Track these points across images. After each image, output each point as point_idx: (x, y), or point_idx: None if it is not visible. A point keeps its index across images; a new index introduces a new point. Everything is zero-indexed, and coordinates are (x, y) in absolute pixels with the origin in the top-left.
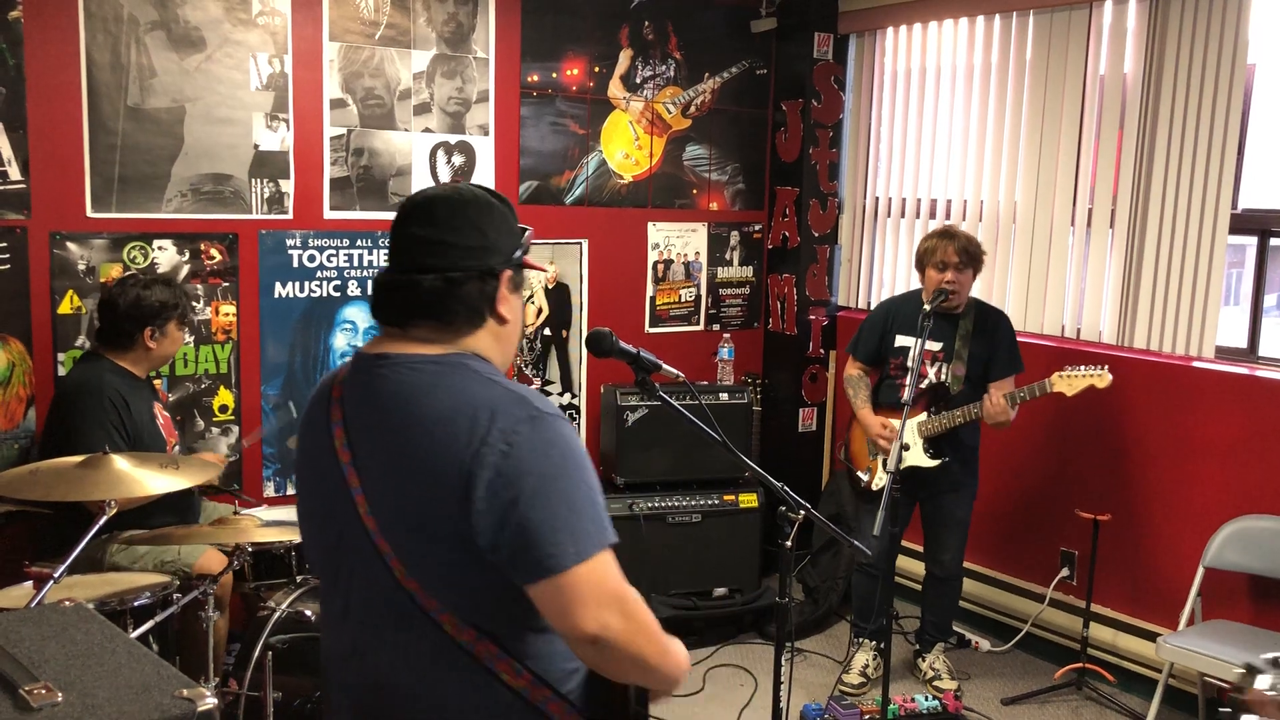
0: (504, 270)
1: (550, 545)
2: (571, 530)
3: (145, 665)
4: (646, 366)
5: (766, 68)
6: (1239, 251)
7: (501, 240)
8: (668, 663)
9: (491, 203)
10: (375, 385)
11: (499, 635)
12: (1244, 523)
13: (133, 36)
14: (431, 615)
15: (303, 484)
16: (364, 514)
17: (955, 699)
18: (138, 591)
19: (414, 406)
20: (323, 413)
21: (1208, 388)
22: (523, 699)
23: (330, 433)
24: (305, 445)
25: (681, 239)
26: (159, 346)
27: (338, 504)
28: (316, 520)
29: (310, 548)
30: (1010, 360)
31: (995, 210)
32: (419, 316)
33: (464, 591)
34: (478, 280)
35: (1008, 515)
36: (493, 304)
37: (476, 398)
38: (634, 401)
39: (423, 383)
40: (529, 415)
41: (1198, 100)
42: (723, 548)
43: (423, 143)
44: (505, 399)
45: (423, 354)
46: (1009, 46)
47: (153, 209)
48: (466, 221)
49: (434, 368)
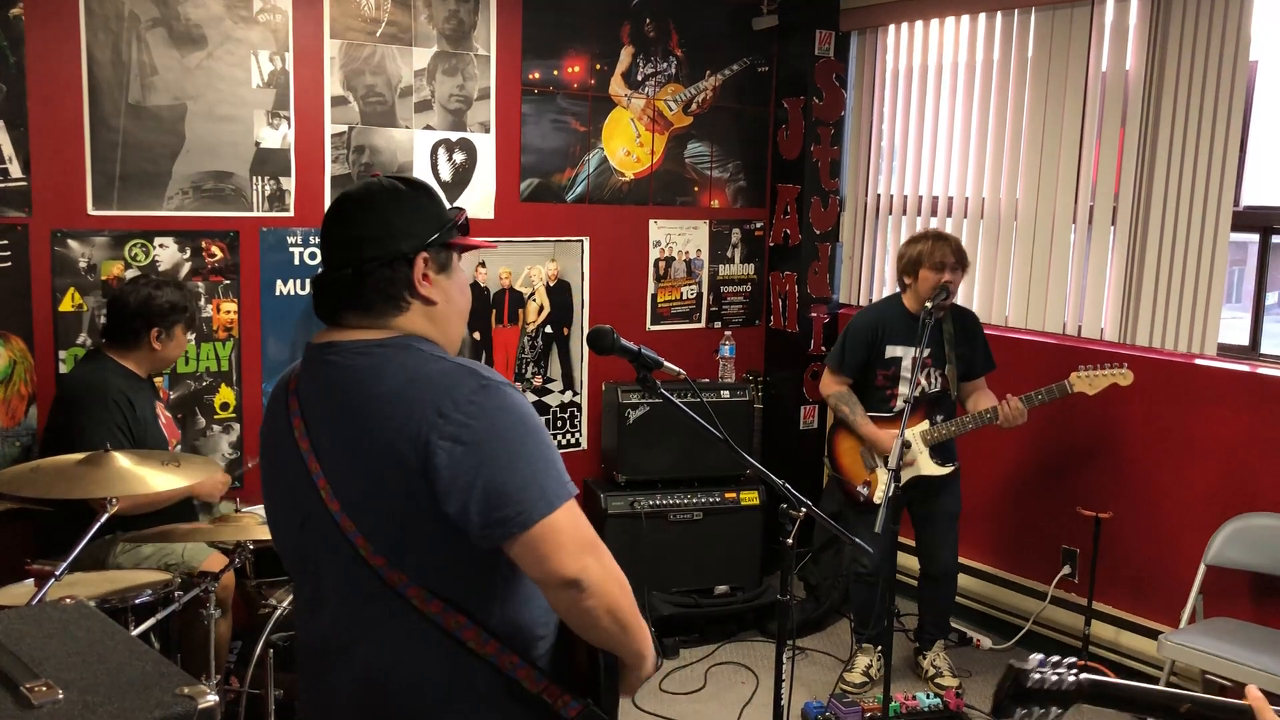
0: (418, 253)
1: (520, 502)
2: (539, 485)
3: (146, 663)
4: (648, 364)
5: (768, 65)
6: (1241, 249)
7: (411, 225)
8: (639, 625)
9: (400, 190)
10: (326, 372)
11: (466, 605)
12: (1246, 520)
13: (134, 34)
14: (399, 590)
15: (267, 479)
16: (327, 498)
17: (957, 697)
18: (139, 589)
19: (367, 388)
20: (281, 406)
21: (1209, 385)
22: (491, 665)
23: (289, 423)
24: (267, 440)
25: (683, 236)
26: (163, 348)
27: (301, 492)
28: (283, 512)
29: (279, 541)
30: (987, 359)
31: (996, 207)
32: (344, 308)
33: (430, 563)
34: (386, 268)
35: (1009, 513)
36: (410, 287)
37: (428, 373)
38: (635, 399)
39: (373, 365)
40: (480, 385)
41: (1199, 97)
42: (724, 545)
43: (424, 140)
44: (455, 372)
45: (367, 339)
46: (1010, 44)
47: (154, 207)
48: (370, 214)
49: (380, 349)
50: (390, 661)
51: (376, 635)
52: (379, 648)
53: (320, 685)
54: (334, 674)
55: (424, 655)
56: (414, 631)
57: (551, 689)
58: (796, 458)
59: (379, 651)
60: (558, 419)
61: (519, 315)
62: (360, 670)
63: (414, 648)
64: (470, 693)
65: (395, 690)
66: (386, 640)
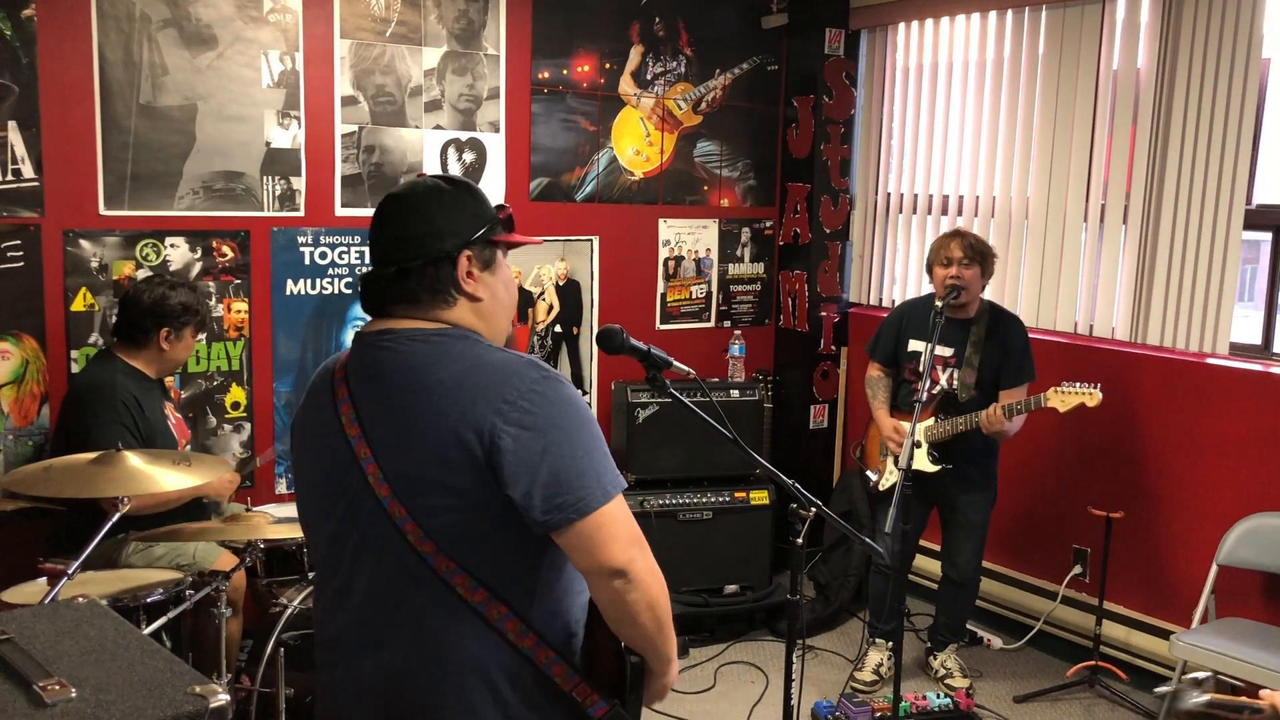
0: (461, 251)
1: (581, 490)
2: (597, 475)
3: (158, 661)
4: (657, 363)
5: (777, 64)
6: (1254, 248)
7: (455, 223)
8: (671, 629)
9: (442, 189)
10: (381, 358)
11: (509, 596)
12: (1258, 520)
13: (145, 34)
14: (445, 578)
15: (303, 467)
16: (376, 483)
17: (967, 697)
18: (151, 588)
19: (425, 374)
20: (326, 393)
21: (1221, 385)
22: (529, 660)
23: (336, 410)
24: (306, 427)
25: (692, 235)
26: (171, 349)
27: (345, 479)
28: (319, 500)
29: (312, 530)
30: (1021, 368)
31: (1008, 206)
32: (392, 302)
33: (479, 550)
34: (431, 266)
35: (1020, 512)
36: (456, 284)
37: (490, 362)
38: (645, 398)
39: (431, 351)
40: (542, 375)
41: (1211, 95)
42: (734, 545)
43: (434, 140)
44: (516, 363)
45: (423, 327)
46: (1021, 41)
47: (165, 206)
48: (412, 213)
49: (439, 338)
50: (428, 650)
51: (415, 624)
52: (417, 636)
53: (343, 678)
54: (360, 666)
55: (463, 644)
56: (455, 620)
57: (582, 687)
58: (806, 457)
59: (417, 640)
60: None
61: (529, 314)
62: (391, 660)
63: (454, 636)
64: (505, 685)
65: (428, 679)
66: (426, 628)
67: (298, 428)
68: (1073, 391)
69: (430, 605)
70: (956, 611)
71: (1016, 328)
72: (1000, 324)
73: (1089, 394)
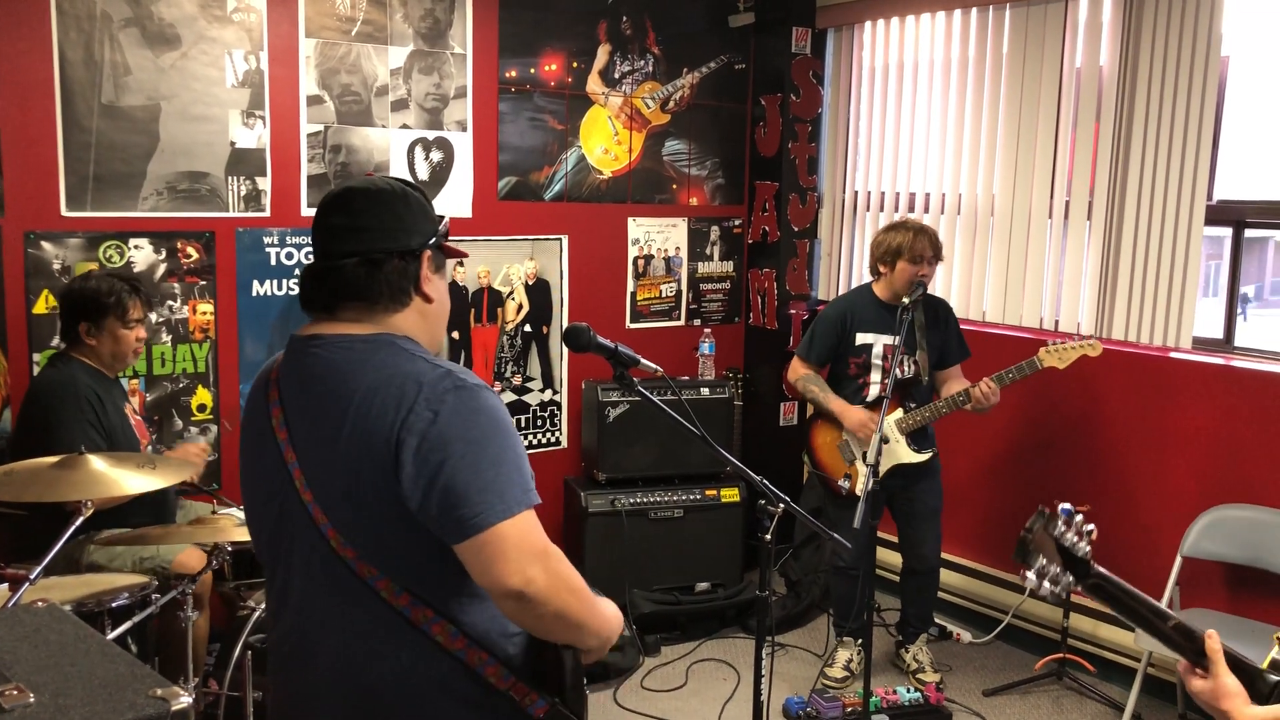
0: (424, 250)
1: (477, 505)
2: (498, 491)
3: (119, 665)
4: (624, 361)
5: (745, 62)
6: (1218, 244)
7: (418, 223)
8: (595, 618)
9: (406, 190)
10: (308, 364)
11: (434, 600)
12: (1220, 512)
13: (106, 33)
14: (368, 582)
15: (245, 468)
16: (301, 487)
17: (937, 691)
18: (116, 592)
19: (345, 381)
20: (261, 395)
21: (1185, 378)
22: (460, 662)
23: (268, 413)
24: (246, 429)
25: (662, 234)
26: (98, 343)
27: (277, 481)
28: (258, 502)
29: (254, 531)
30: (962, 347)
31: (974, 203)
32: (345, 299)
33: (398, 556)
34: (399, 260)
35: (988, 507)
36: (416, 282)
37: (404, 371)
38: (615, 397)
39: (353, 359)
40: (454, 385)
41: (1173, 93)
42: (705, 543)
43: (400, 139)
44: (431, 372)
45: (352, 333)
46: (986, 40)
47: (128, 208)
48: (382, 207)
49: (363, 345)
50: (358, 655)
51: (344, 628)
52: (346, 641)
53: (286, 682)
54: (300, 672)
55: (392, 650)
56: (382, 625)
57: (519, 687)
58: (777, 454)
59: (347, 645)
60: (537, 418)
61: (498, 314)
62: (328, 665)
63: (382, 642)
64: (438, 688)
65: (364, 685)
66: (354, 634)
67: (243, 428)
68: (1070, 346)
69: (357, 610)
70: (924, 601)
71: (950, 309)
72: (936, 308)
73: (1089, 345)
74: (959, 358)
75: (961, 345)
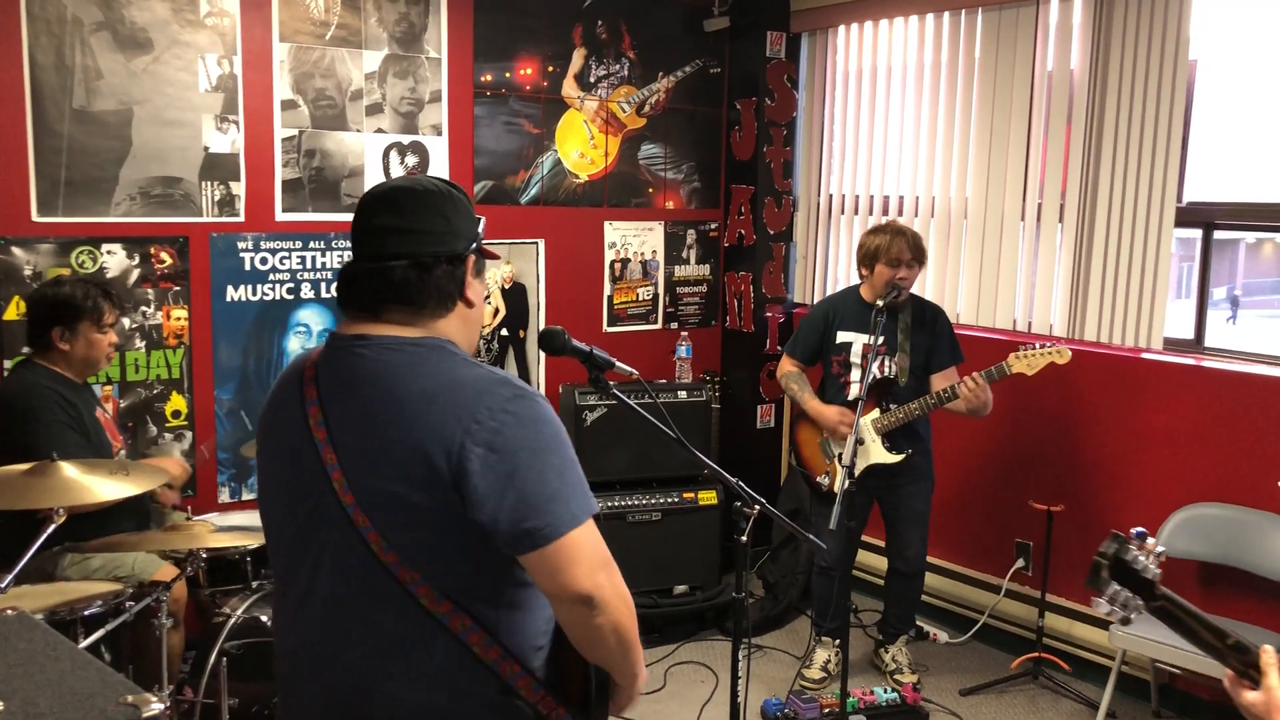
0: (469, 255)
1: (547, 514)
2: (565, 499)
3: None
4: (599, 364)
5: (720, 67)
6: (1190, 246)
7: (464, 226)
8: (637, 647)
9: (451, 191)
10: (354, 364)
11: (473, 609)
12: (1192, 510)
13: (77, 38)
14: (409, 588)
15: (268, 466)
16: (340, 489)
17: (914, 691)
18: (88, 600)
19: (397, 385)
20: (294, 393)
21: (1157, 378)
22: (493, 673)
23: (304, 411)
24: (273, 427)
25: (638, 238)
26: (72, 349)
27: (310, 482)
28: (283, 501)
29: (273, 532)
30: (953, 350)
31: (947, 205)
32: (391, 302)
33: (445, 564)
34: (446, 264)
35: (964, 508)
36: (461, 288)
37: (463, 377)
38: (592, 401)
39: (405, 362)
40: (515, 394)
41: (1142, 96)
42: (683, 545)
43: (375, 143)
44: (490, 380)
45: (401, 335)
46: (958, 44)
47: (101, 213)
48: (430, 209)
49: (413, 348)
50: (391, 661)
51: (377, 634)
52: (380, 646)
53: (304, 689)
54: (322, 677)
55: (427, 656)
56: (419, 631)
57: (547, 700)
58: (754, 456)
59: (379, 650)
60: None
61: None
62: (354, 671)
63: (417, 648)
64: (469, 698)
65: (392, 691)
66: (389, 639)
67: (264, 425)
68: (1038, 353)
69: (393, 616)
70: (908, 603)
71: (942, 314)
72: (925, 311)
73: (1057, 352)
74: (950, 362)
75: (953, 350)
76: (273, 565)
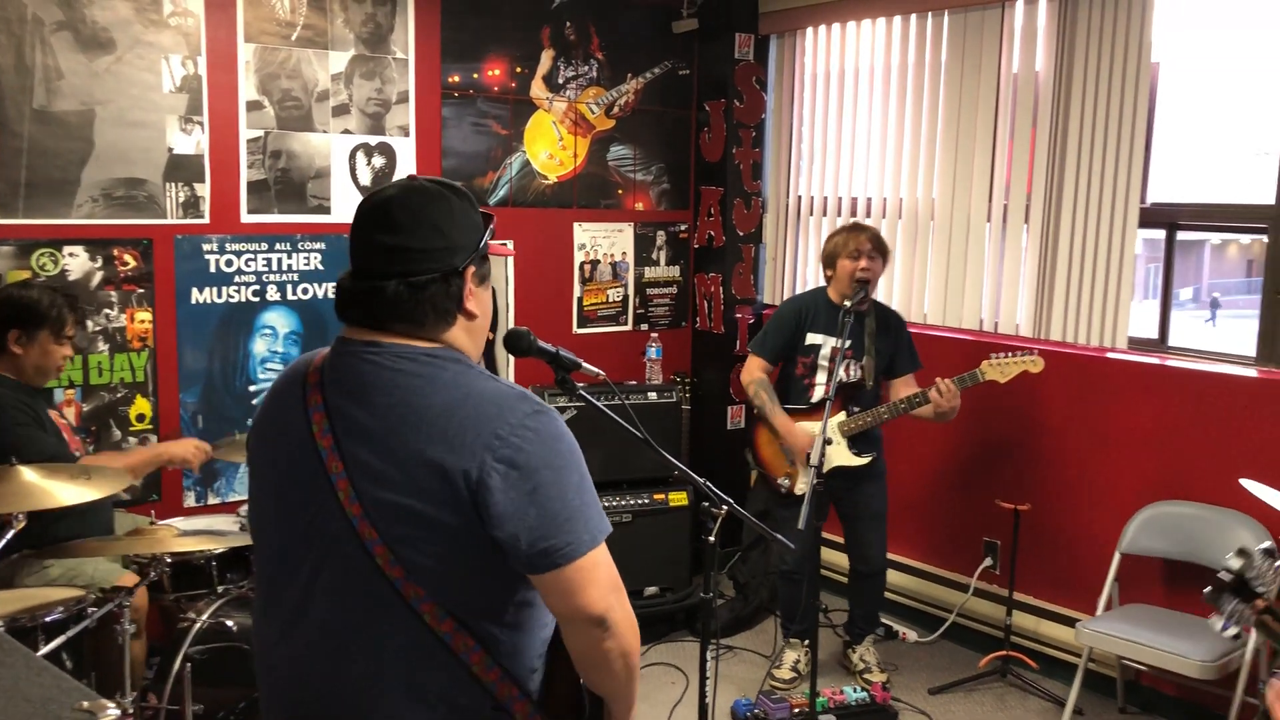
0: (468, 267)
1: (567, 535)
2: (584, 519)
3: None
4: (565, 365)
5: (689, 68)
6: (1156, 247)
7: (462, 236)
8: (638, 675)
9: (449, 198)
10: (365, 371)
11: (477, 628)
12: (1157, 508)
13: (38, 37)
14: (412, 604)
15: (261, 471)
16: (346, 500)
17: (884, 690)
18: (49, 607)
19: (414, 397)
20: (297, 397)
21: (1121, 378)
22: (491, 695)
23: (306, 417)
24: (271, 430)
25: (608, 239)
26: (25, 353)
27: (312, 490)
28: (277, 509)
29: (263, 539)
30: (913, 357)
31: (914, 207)
32: (389, 319)
33: (450, 583)
34: (441, 282)
35: (931, 507)
36: (460, 302)
37: (481, 392)
38: (562, 402)
39: (419, 372)
40: (535, 409)
41: (1106, 98)
42: (653, 547)
43: (342, 144)
44: (510, 395)
45: (414, 346)
46: (925, 46)
47: (63, 215)
48: (425, 223)
49: (427, 359)
50: (388, 677)
51: (376, 649)
52: (377, 664)
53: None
54: (315, 690)
55: (427, 675)
56: (419, 648)
57: None
58: (724, 457)
59: (378, 666)
60: None
61: None
62: (350, 685)
63: (417, 666)
64: (466, 716)
65: (388, 707)
66: (388, 655)
67: (258, 429)
68: (1011, 361)
69: (394, 631)
70: (872, 602)
71: (900, 319)
72: (889, 317)
73: (1031, 361)
74: (909, 368)
75: (912, 357)
76: (258, 574)
